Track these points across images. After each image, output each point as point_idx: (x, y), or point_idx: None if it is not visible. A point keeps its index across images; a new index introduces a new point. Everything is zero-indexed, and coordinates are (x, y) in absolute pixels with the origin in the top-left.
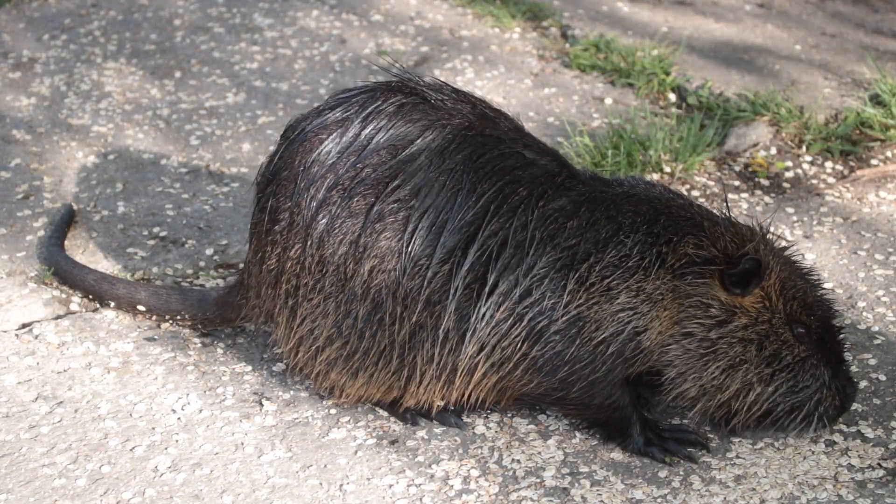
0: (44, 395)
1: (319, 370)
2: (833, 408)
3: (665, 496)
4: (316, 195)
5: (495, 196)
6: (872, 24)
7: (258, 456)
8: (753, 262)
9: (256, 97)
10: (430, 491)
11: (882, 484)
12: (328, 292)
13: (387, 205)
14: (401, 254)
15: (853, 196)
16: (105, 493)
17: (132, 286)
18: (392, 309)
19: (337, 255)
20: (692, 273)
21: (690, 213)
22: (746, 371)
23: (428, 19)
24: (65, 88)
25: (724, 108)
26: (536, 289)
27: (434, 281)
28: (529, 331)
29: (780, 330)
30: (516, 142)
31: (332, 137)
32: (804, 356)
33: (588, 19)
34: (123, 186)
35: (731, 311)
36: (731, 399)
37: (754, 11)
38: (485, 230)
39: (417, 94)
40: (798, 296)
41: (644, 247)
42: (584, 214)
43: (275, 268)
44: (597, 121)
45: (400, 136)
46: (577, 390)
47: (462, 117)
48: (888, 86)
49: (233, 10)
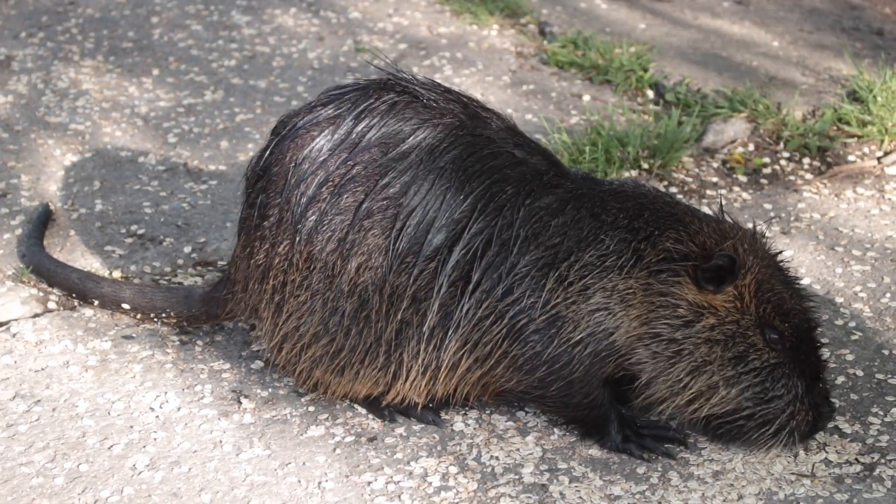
0: (21, 393)
1: (303, 368)
2: (806, 423)
3: (643, 492)
4: (306, 192)
5: (483, 194)
6: (849, 21)
7: (236, 454)
8: (727, 258)
9: (234, 95)
10: (409, 488)
11: (859, 479)
12: (315, 289)
13: (376, 202)
14: (388, 251)
15: (830, 192)
16: (83, 492)
17: (117, 285)
18: (378, 306)
19: (325, 252)
20: (667, 270)
21: (674, 210)
22: (711, 373)
23: (406, 17)
24: (42, 86)
25: (702, 104)
26: (518, 287)
27: (420, 278)
28: (510, 329)
29: (750, 332)
30: (507, 141)
31: (323, 134)
32: (774, 363)
33: (566, 16)
34: (101, 184)
35: (698, 311)
36: (695, 400)
37: (732, 8)
38: (471, 228)
39: (409, 93)
40: (773, 300)
41: (622, 244)
42: (569, 212)
43: (262, 263)
44: (575, 118)
45: (391, 134)
46: (556, 389)
47: (453, 116)
48: (865, 82)
49: (210, 7)
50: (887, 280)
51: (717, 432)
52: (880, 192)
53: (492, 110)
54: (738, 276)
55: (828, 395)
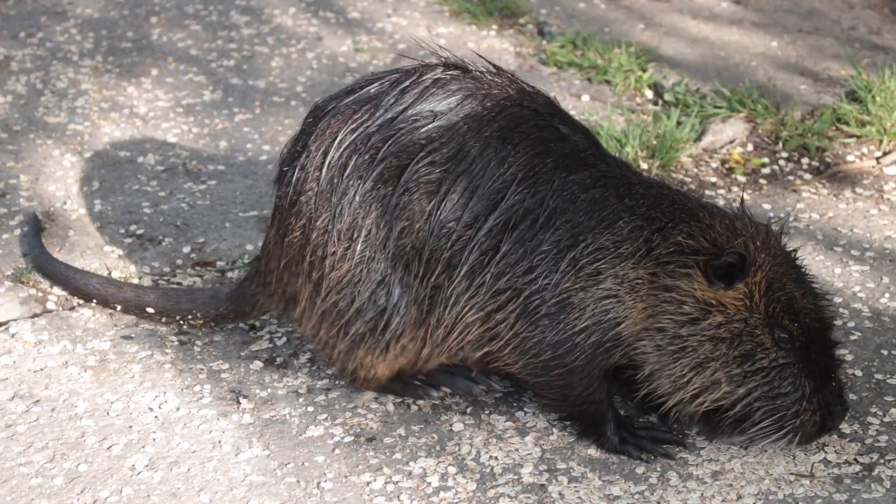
0: (20, 393)
1: (342, 348)
2: (813, 423)
3: (642, 492)
4: (348, 162)
5: (524, 166)
6: (848, 21)
7: (235, 454)
8: (738, 255)
9: (233, 95)
10: (408, 488)
11: (859, 479)
12: (358, 259)
13: (422, 166)
14: (431, 215)
15: (829, 192)
16: (82, 492)
17: (141, 289)
18: (417, 270)
19: (369, 219)
20: (676, 262)
21: (690, 204)
22: (714, 370)
23: (405, 17)
24: (41, 86)
25: (701, 104)
26: (538, 266)
27: (457, 244)
28: (524, 308)
29: (758, 331)
30: (553, 116)
31: (365, 108)
32: (783, 363)
33: (565, 17)
34: (100, 184)
35: (705, 308)
36: (699, 395)
37: (730, 9)
38: (508, 199)
39: (458, 67)
40: (784, 299)
41: (636, 232)
42: (597, 189)
43: (298, 241)
44: (574, 117)
45: (438, 103)
46: (557, 375)
47: (501, 89)
48: (864, 82)
49: (209, 7)
50: (886, 280)
51: (720, 427)
52: (879, 193)
53: (535, 88)
54: (749, 273)
55: (841, 394)
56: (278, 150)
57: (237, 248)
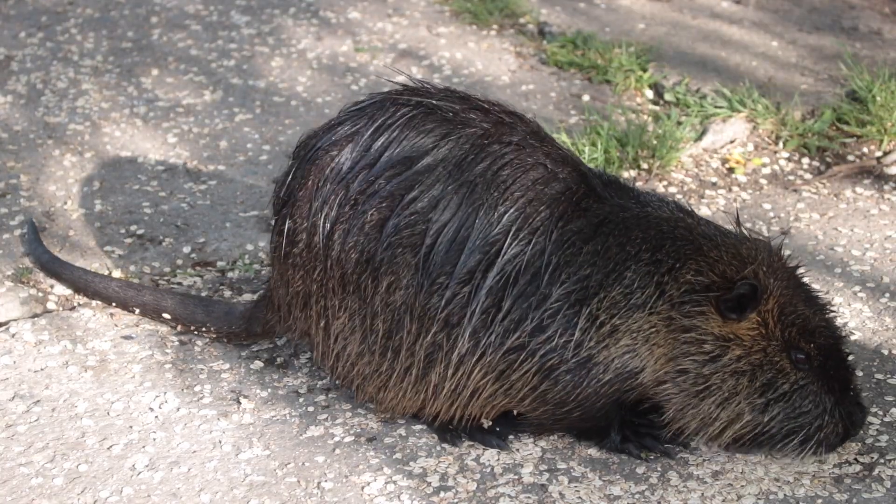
0: (20, 393)
1: (357, 384)
2: (835, 434)
3: (643, 492)
4: (329, 213)
5: (517, 216)
6: (849, 21)
7: (236, 454)
8: (749, 286)
9: (234, 95)
10: (408, 488)
11: (859, 479)
12: (352, 310)
13: (402, 218)
14: (418, 269)
15: (830, 192)
16: (82, 492)
17: (158, 293)
18: (410, 327)
19: (356, 273)
20: (690, 302)
21: (693, 236)
22: (739, 402)
23: (405, 16)
24: (41, 86)
25: (701, 104)
26: (550, 324)
27: (453, 302)
28: (540, 367)
29: (776, 358)
30: (536, 149)
31: (343, 152)
32: (803, 384)
33: (565, 16)
34: (100, 184)
35: (724, 344)
36: (727, 428)
37: (731, 8)
38: (505, 253)
39: (426, 105)
40: (798, 322)
41: (646, 279)
42: (598, 239)
43: (301, 290)
44: (574, 118)
45: (414, 148)
46: (578, 418)
47: (475, 126)
48: (864, 82)
49: (210, 7)
50: (886, 280)
51: (745, 447)
52: (879, 192)
53: (515, 113)
54: (761, 301)
55: (859, 401)
56: (279, 150)
57: (237, 248)
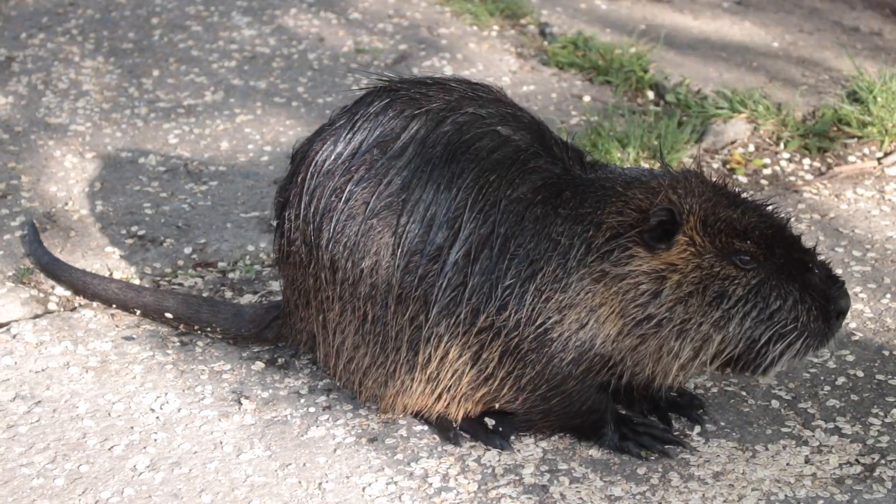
0: (21, 394)
1: (356, 380)
2: (815, 318)
3: (644, 493)
4: (318, 205)
5: (471, 188)
6: (850, 21)
7: (237, 455)
8: (665, 211)
9: (235, 95)
10: (409, 489)
11: (860, 480)
12: (344, 299)
13: (381, 201)
14: (395, 249)
15: (830, 193)
16: (83, 493)
17: (160, 294)
18: (393, 307)
19: (343, 260)
20: (617, 247)
21: (611, 182)
22: (698, 324)
23: (406, 17)
24: (42, 87)
25: (702, 105)
26: (508, 301)
27: (426, 280)
28: (506, 346)
29: (717, 268)
30: (494, 116)
31: (325, 147)
32: (756, 282)
33: (566, 17)
34: (101, 185)
35: (659, 276)
36: (698, 356)
37: (732, 8)
38: (464, 228)
39: (398, 90)
40: (724, 227)
41: (573, 238)
42: (538, 205)
43: (302, 287)
44: (575, 118)
45: (386, 133)
46: (557, 403)
47: (441, 101)
48: (865, 83)
49: (211, 8)
50: (887, 281)
51: (745, 370)
52: (880, 193)
53: (480, 84)
54: (682, 222)
55: (831, 274)
56: (280, 151)
57: (238, 249)
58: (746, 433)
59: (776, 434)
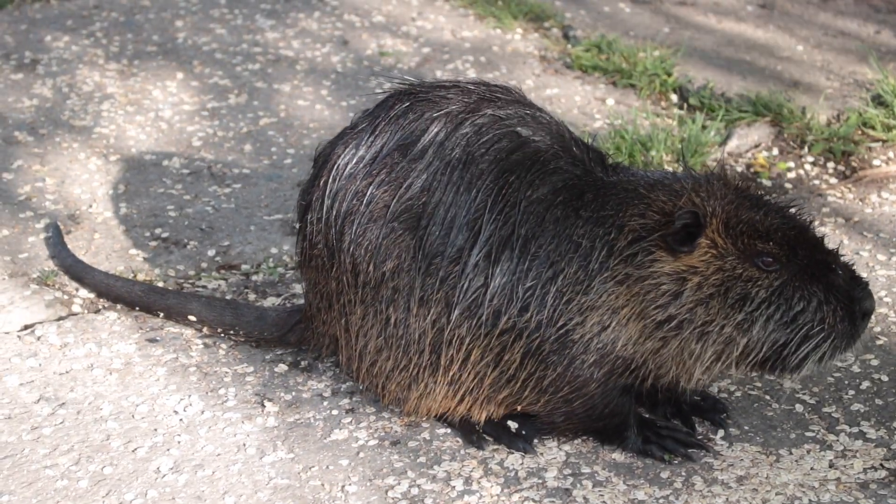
0: (46, 396)
1: (379, 383)
2: (842, 319)
3: (667, 497)
4: (340, 208)
5: (491, 189)
6: (874, 25)
7: (260, 457)
8: (689, 214)
9: (258, 98)
10: (432, 492)
11: (885, 485)
12: (367, 303)
13: (401, 204)
14: (416, 252)
15: (855, 197)
16: (107, 495)
17: (182, 296)
18: (415, 310)
19: (365, 263)
20: (640, 251)
21: (634, 185)
22: (720, 327)
23: (430, 20)
24: (67, 90)
25: (726, 108)
26: (531, 304)
27: (447, 283)
28: (528, 348)
29: (739, 270)
30: (512, 118)
31: (347, 150)
32: (779, 284)
33: (590, 20)
34: (125, 188)
35: (681, 278)
36: (721, 359)
37: (756, 12)
38: (485, 230)
39: (419, 95)
40: (746, 229)
41: (595, 240)
42: (558, 207)
43: (324, 291)
44: (599, 121)
45: (407, 136)
46: (580, 405)
47: (459, 103)
48: (890, 86)
49: (234, 11)
50: None
51: (773, 371)
52: None
53: (499, 86)
54: (705, 224)
55: (854, 275)
56: (303, 154)
57: (262, 252)
58: (770, 437)
59: (800, 438)
